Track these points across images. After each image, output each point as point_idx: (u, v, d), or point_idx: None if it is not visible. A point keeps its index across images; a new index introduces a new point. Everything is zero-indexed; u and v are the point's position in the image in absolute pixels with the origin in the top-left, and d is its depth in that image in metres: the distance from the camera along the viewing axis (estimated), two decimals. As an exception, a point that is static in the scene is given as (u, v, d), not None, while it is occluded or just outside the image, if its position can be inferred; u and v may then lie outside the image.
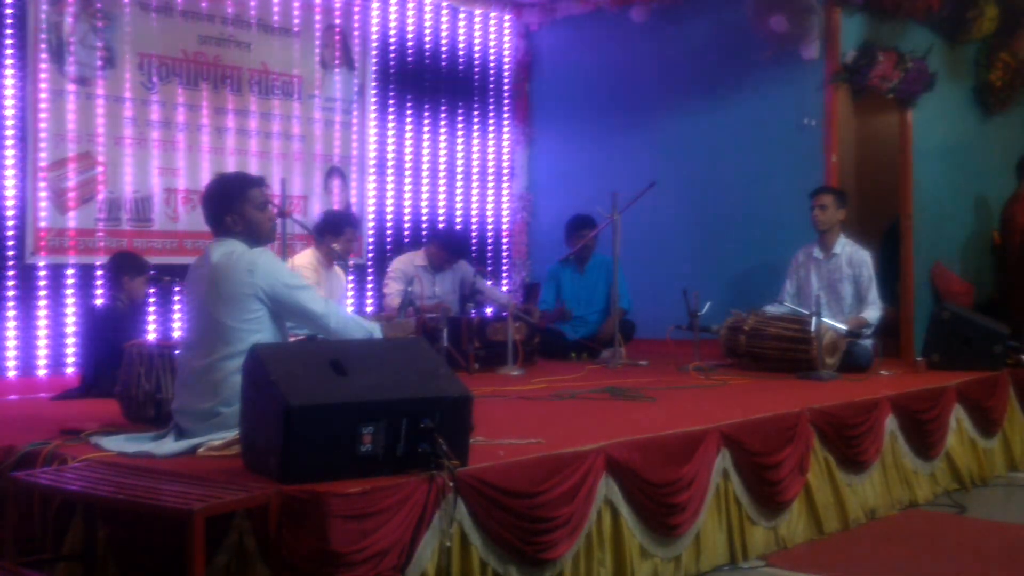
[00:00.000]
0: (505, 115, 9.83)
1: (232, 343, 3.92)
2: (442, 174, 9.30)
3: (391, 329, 4.87)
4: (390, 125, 8.88)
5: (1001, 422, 6.72)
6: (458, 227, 9.18)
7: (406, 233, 9.00)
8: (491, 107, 9.72)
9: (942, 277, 8.84)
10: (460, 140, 9.46)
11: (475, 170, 9.59)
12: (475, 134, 9.58)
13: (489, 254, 9.76)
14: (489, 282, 8.69)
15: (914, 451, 5.84)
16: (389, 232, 8.88)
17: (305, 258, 6.86)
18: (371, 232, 8.73)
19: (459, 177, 9.46)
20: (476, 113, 9.59)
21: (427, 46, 9.17)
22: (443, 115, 9.30)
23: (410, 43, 9.05)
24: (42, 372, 6.87)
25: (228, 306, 3.98)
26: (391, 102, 8.89)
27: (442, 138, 9.30)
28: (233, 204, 4.17)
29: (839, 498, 5.21)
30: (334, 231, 6.84)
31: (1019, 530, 5.33)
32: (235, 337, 3.93)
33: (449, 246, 7.82)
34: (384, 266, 8.53)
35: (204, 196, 4.32)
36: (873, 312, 6.96)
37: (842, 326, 6.79)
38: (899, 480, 5.69)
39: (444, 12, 9.30)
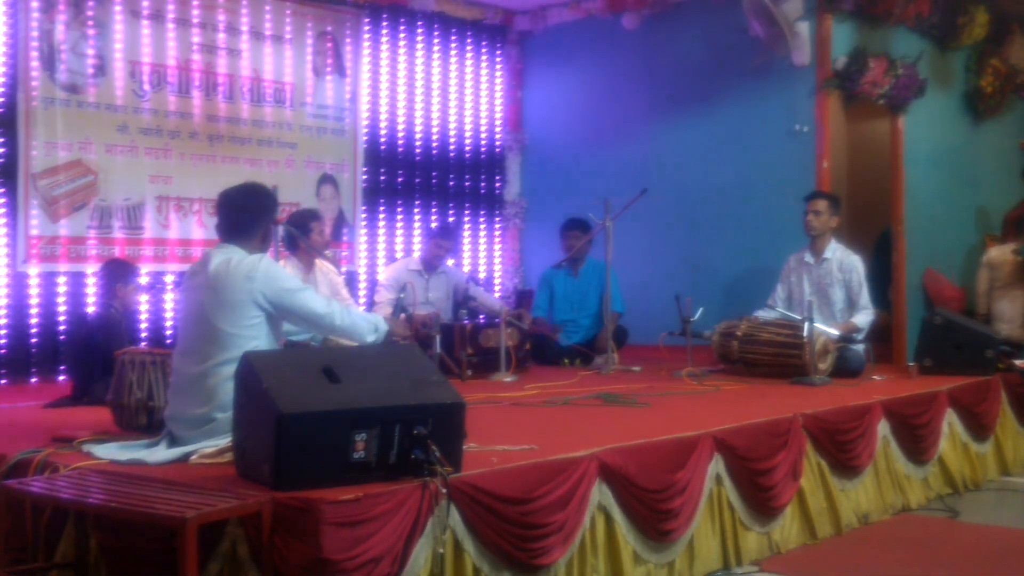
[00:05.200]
0: (497, 121, 9.84)
1: (229, 349, 3.91)
2: (435, 183, 9.29)
3: (393, 324, 4.88)
4: (382, 132, 8.89)
5: (993, 426, 6.73)
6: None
7: (398, 240, 9.00)
8: (483, 114, 9.72)
9: (934, 282, 8.87)
10: (452, 147, 9.46)
11: (468, 177, 9.59)
12: (467, 141, 9.58)
13: (482, 260, 9.76)
14: (482, 288, 8.69)
15: (907, 456, 5.85)
16: (381, 239, 8.87)
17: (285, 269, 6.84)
18: (364, 239, 8.73)
19: (452, 185, 9.46)
20: (469, 120, 9.60)
21: (419, 53, 9.17)
22: (435, 122, 9.30)
23: (402, 50, 9.06)
24: (34, 380, 6.86)
25: (227, 312, 3.98)
26: (383, 109, 8.89)
27: (435, 145, 9.29)
28: (270, 215, 4.34)
29: (832, 503, 5.22)
30: (302, 229, 6.76)
31: (1012, 534, 5.34)
32: (232, 343, 3.92)
33: (449, 233, 7.90)
34: (376, 274, 8.53)
35: (243, 200, 4.28)
36: (864, 317, 6.97)
37: (834, 331, 6.80)
38: (892, 485, 5.69)
39: (435, 19, 9.30)
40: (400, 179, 9.03)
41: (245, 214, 4.22)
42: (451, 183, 9.44)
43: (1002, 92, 9.51)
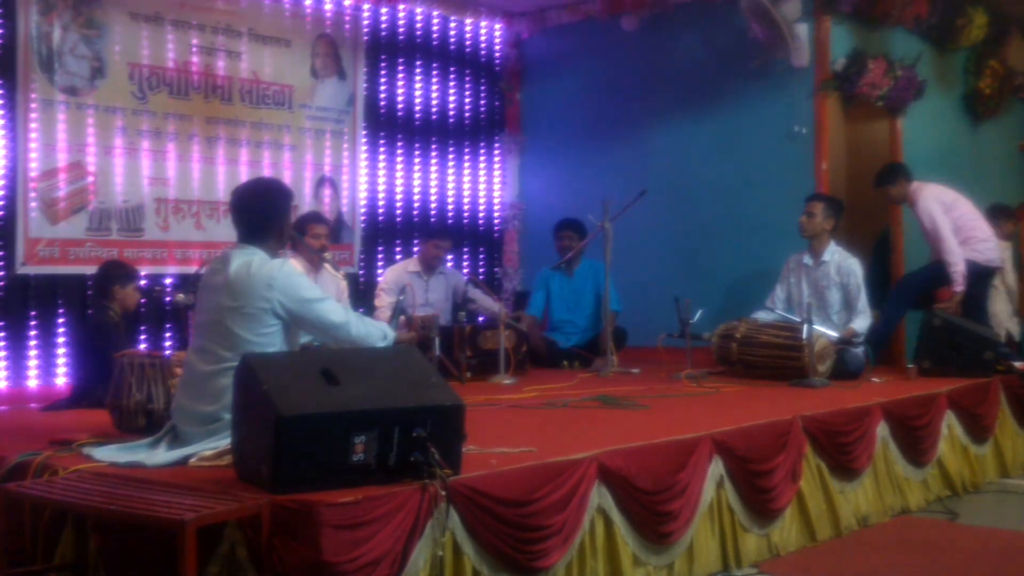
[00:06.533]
0: (496, 124, 9.84)
1: (243, 352, 3.83)
2: (433, 182, 9.29)
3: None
4: (381, 133, 8.88)
5: (992, 428, 6.73)
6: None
7: (397, 243, 9.00)
8: (482, 115, 9.72)
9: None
10: (451, 148, 9.46)
11: (466, 179, 9.60)
12: (466, 142, 9.58)
13: (481, 262, 9.76)
14: (480, 291, 8.68)
15: (906, 458, 5.84)
16: (380, 241, 8.87)
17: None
18: (362, 241, 8.72)
19: (450, 186, 9.46)
20: (467, 121, 9.60)
21: (418, 55, 9.16)
22: (434, 122, 9.30)
23: (401, 52, 9.05)
24: (32, 383, 6.86)
25: (244, 319, 3.95)
26: (382, 110, 8.89)
27: (434, 147, 9.29)
28: (284, 213, 4.22)
29: (831, 505, 5.21)
30: (300, 231, 6.84)
31: (1011, 536, 5.34)
32: (247, 348, 3.89)
33: (445, 233, 7.97)
34: (375, 275, 8.54)
35: (256, 200, 4.20)
36: (862, 322, 6.97)
37: (833, 333, 6.80)
38: (891, 487, 5.69)
39: (435, 21, 9.31)
40: (400, 182, 9.03)
41: (259, 215, 4.15)
42: (449, 187, 9.43)
43: (1001, 94, 9.52)
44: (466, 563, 3.54)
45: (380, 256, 8.82)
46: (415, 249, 8.80)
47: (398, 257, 8.79)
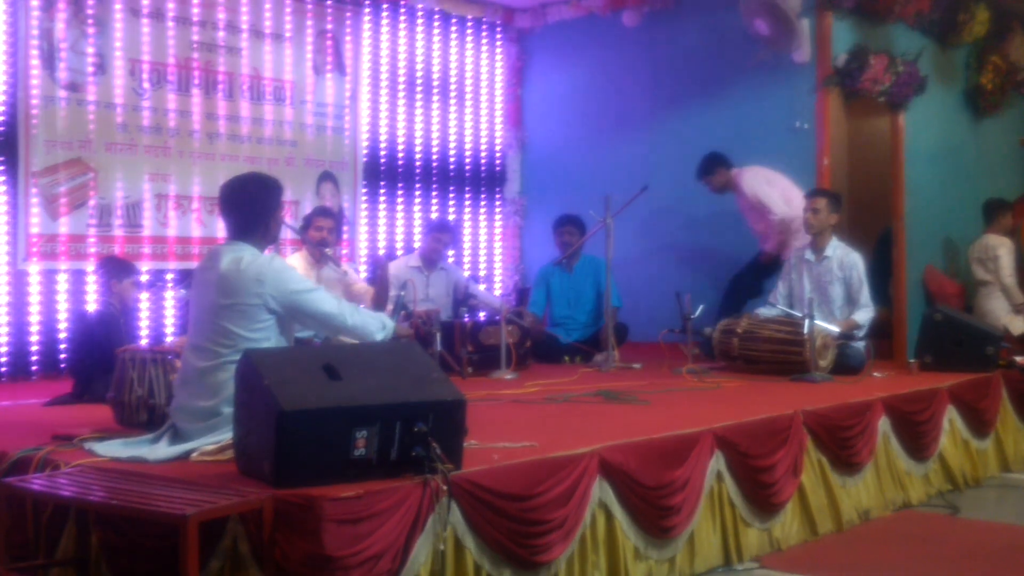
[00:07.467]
0: (498, 120, 9.83)
1: (239, 348, 3.87)
2: (434, 181, 9.29)
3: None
4: (382, 130, 8.88)
5: (994, 423, 6.74)
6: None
7: (399, 238, 8.99)
8: (483, 112, 9.72)
9: (935, 279, 8.87)
10: (452, 145, 9.45)
11: (468, 175, 9.59)
12: (467, 139, 9.58)
13: (482, 258, 9.76)
14: (482, 286, 8.68)
15: (907, 452, 5.85)
16: (382, 237, 8.87)
17: (294, 261, 6.88)
18: (364, 237, 8.73)
19: (452, 183, 9.46)
20: (469, 118, 9.59)
21: (419, 51, 9.17)
22: (435, 120, 9.29)
23: (402, 48, 9.05)
24: (34, 377, 6.86)
25: (237, 315, 3.95)
26: (383, 107, 8.88)
27: (435, 143, 9.28)
28: (273, 207, 4.18)
29: (833, 499, 5.22)
30: (305, 225, 6.91)
31: (1012, 531, 5.35)
32: (242, 343, 3.90)
33: (446, 227, 7.97)
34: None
35: (243, 196, 4.16)
36: (864, 314, 6.97)
37: (835, 328, 6.80)
38: (892, 481, 5.70)
39: (436, 17, 9.30)
40: (400, 177, 9.02)
41: (247, 210, 4.15)
42: (451, 181, 9.43)
43: (1002, 89, 9.51)
44: (467, 557, 3.55)
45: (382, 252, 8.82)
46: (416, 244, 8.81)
47: (400, 252, 8.79)
